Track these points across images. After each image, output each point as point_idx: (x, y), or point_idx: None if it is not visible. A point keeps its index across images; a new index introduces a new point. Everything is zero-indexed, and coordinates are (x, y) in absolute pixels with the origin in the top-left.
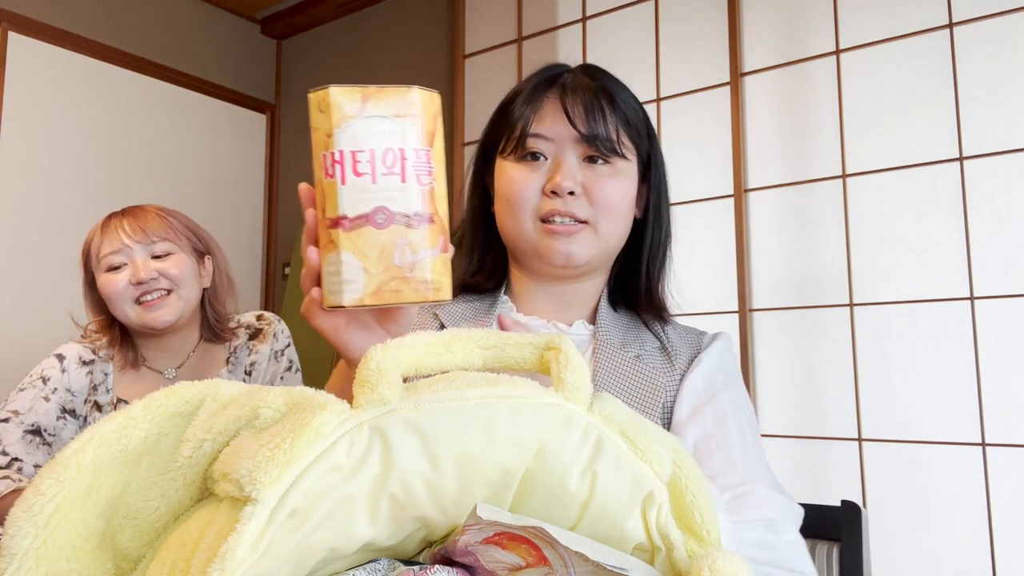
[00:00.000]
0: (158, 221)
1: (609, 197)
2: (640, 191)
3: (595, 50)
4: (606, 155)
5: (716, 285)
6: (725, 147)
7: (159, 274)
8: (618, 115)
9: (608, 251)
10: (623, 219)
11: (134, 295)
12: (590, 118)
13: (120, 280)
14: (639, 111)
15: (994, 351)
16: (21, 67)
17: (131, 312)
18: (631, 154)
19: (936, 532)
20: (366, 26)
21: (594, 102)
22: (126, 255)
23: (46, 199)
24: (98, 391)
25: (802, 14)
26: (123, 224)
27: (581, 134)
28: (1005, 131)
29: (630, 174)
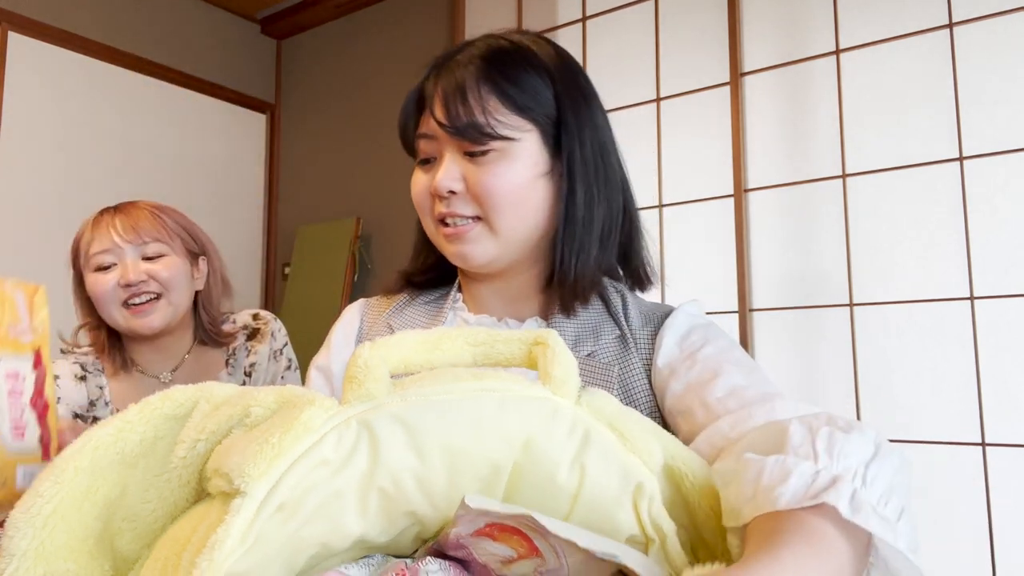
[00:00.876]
0: (151, 220)
1: (490, 188)
2: (555, 164)
3: (595, 50)
4: (480, 143)
5: (716, 285)
6: (725, 147)
7: (149, 276)
8: (490, 90)
9: (518, 243)
10: (520, 207)
11: (122, 297)
12: (451, 108)
13: (108, 281)
14: (532, 74)
15: (994, 351)
16: (21, 67)
17: (118, 315)
18: (519, 130)
19: (936, 532)
20: (366, 26)
21: (455, 87)
22: (116, 255)
23: (46, 199)
24: (96, 406)
25: (802, 14)
26: (115, 222)
27: (444, 127)
28: (1005, 131)
29: (522, 154)
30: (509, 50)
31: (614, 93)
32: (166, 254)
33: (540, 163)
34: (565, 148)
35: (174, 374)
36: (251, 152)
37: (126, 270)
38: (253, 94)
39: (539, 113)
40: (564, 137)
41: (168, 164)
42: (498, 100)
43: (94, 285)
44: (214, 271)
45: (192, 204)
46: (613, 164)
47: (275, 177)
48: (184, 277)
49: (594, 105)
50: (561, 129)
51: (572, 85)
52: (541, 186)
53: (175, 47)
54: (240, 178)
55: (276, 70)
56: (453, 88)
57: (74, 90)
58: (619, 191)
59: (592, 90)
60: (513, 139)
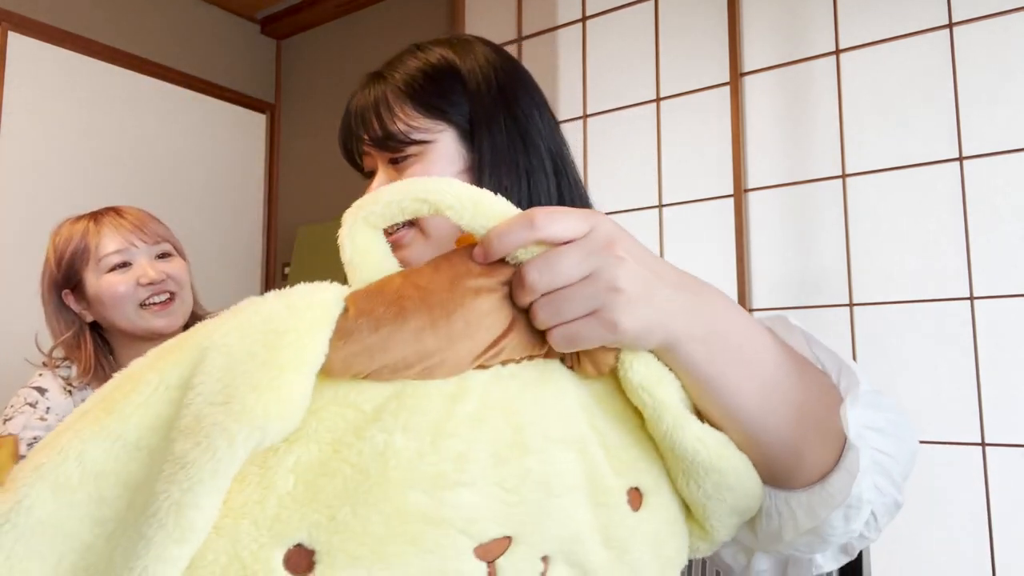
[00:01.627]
0: (153, 220)
1: None
2: (475, 161)
3: (595, 50)
4: (398, 150)
5: (716, 285)
6: (725, 147)
7: (166, 276)
8: (401, 98)
9: (452, 242)
10: None
11: (140, 298)
12: (368, 122)
13: (124, 282)
14: (442, 76)
15: (994, 351)
16: (21, 67)
17: (134, 316)
18: (432, 132)
19: (936, 532)
20: (366, 26)
21: (371, 102)
22: (130, 255)
23: (46, 199)
24: None
25: (802, 14)
26: (123, 222)
27: (365, 141)
28: (1005, 131)
29: (439, 154)
30: (422, 58)
31: (614, 93)
32: (172, 253)
33: (458, 161)
34: (476, 143)
35: None
36: (251, 152)
37: (145, 269)
38: (253, 94)
39: (453, 112)
40: (475, 132)
41: (168, 164)
42: (410, 106)
43: (109, 287)
44: (190, 272)
45: (192, 204)
46: (540, 156)
47: (275, 177)
48: (188, 276)
49: (520, 98)
50: (474, 125)
51: (487, 80)
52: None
53: (175, 47)
54: (240, 178)
55: (276, 70)
56: (370, 103)
57: (74, 90)
58: (545, 184)
59: (518, 83)
60: (428, 141)
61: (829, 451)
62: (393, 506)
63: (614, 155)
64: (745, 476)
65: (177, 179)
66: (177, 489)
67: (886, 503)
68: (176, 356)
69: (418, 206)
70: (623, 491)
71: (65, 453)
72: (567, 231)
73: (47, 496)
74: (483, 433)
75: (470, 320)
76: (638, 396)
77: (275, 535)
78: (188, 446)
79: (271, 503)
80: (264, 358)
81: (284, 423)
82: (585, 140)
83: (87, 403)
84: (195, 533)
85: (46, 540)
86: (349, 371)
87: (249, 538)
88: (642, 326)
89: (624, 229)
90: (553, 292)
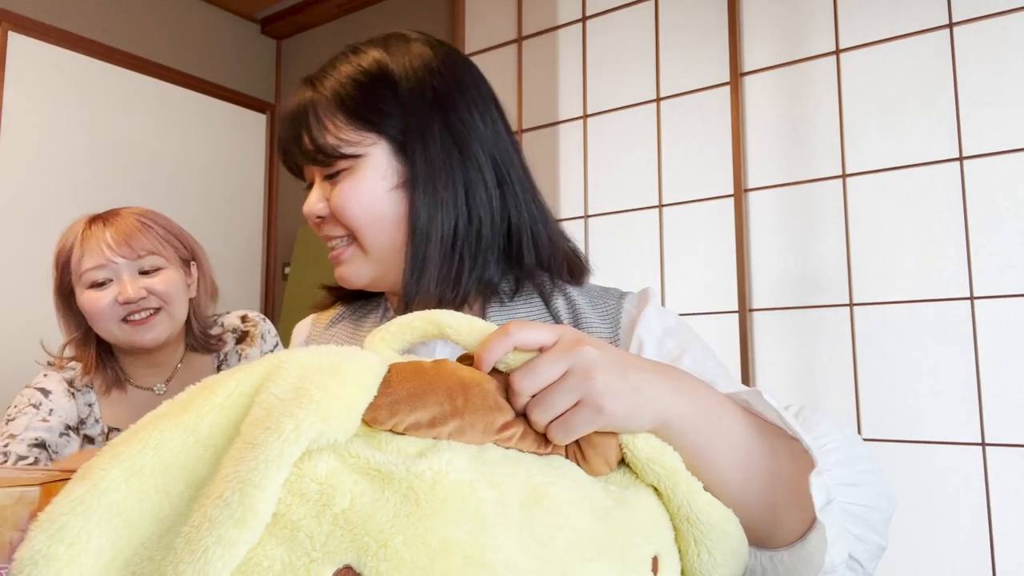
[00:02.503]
0: (143, 232)
1: (342, 208)
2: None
3: (595, 50)
4: (328, 164)
5: (716, 285)
6: (725, 147)
7: (148, 292)
8: (331, 108)
9: (394, 260)
10: (379, 222)
11: (121, 314)
12: (298, 134)
13: (105, 298)
14: (375, 84)
15: (994, 351)
16: (21, 67)
17: (116, 331)
18: (363, 145)
19: (936, 532)
20: (366, 26)
21: (300, 112)
22: (111, 271)
23: (46, 199)
24: (86, 424)
25: (802, 14)
26: (106, 236)
27: (296, 155)
28: (1005, 131)
29: (370, 168)
30: (355, 63)
31: (614, 93)
32: (162, 267)
33: (391, 175)
34: (409, 157)
35: (168, 384)
36: (251, 152)
37: (124, 287)
38: (253, 94)
39: (385, 124)
40: (407, 145)
41: (168, 164)
42: (341, 117)
43: (90, 303)
44: (204, 275)
45: (192, 204)
46: (479, 167)
47: (275, 177)
48: (181, 288)
49: (457, 103)
50: (406, 137)
51: (421, 86)
52: (397, 198)
53: (175, 47)
54: (240, 178)
55: (276, 70)
56: (301, 113)
57: (74, 90)
58: (486, 196)
59: (456, 85)
60: (359, 155)
61: (805, 513)
62: (439, 541)
63: (614, 155)
64: (742, 539)
65: (177, 179)
66: (244, 468)
67: (868, 549)
68: (253, 368)
69: (425, 326)
70: (648, 558)
71: (144, 442)
72: (538, 338)
73: (120, 481)
74: (512, 486)
75: (486, 397)
76: (650, 472)
77: (327, 552)
78: (258, 431)
79: (327, 519)
80: (331, 373)
81: (343, 423)
82: (585, 140)
83: (165, 406)
84: (255, 517)
85: (110, 530)
86: (392, 417)
87: (303, 550)
88: (627, 406)
89: (587, 335)
90: (540, 393)
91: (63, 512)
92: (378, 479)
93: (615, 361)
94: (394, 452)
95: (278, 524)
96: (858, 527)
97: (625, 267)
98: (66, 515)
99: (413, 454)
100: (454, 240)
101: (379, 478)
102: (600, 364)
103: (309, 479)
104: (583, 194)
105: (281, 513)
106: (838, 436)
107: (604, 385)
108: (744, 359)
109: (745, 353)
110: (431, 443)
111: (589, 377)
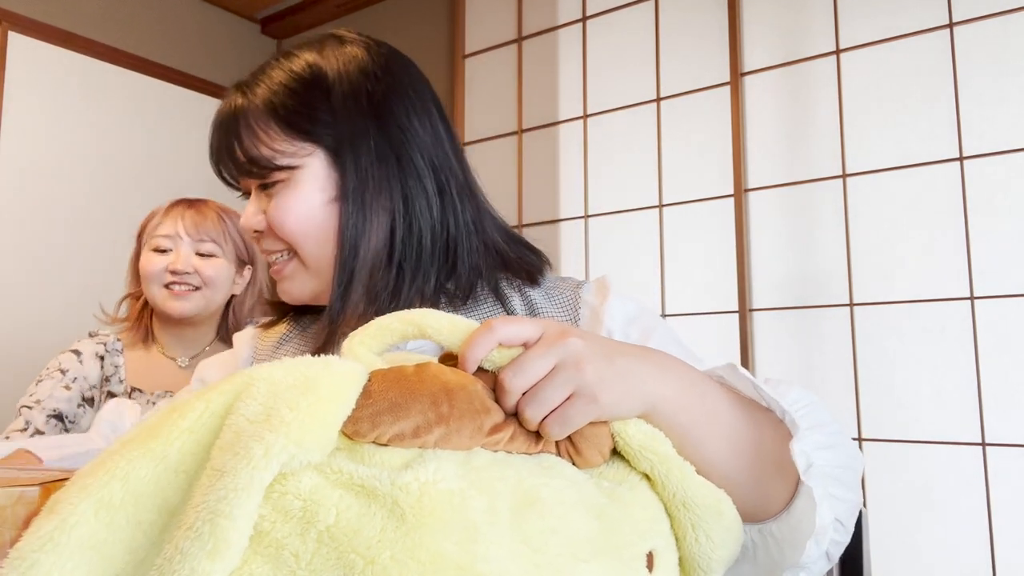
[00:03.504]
0: (216, 222)
1: (279, 222)
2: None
3: (595, 50)
4: (262, 176)
5: (716, 285)
6: (725, 147)
7: (195, 270)
8: (264, 117)
9: (328, 270)
10: (317, 235)
11: (166, 280)
12: (225, 143)
13: (159, 262)
14: (310, 91)
15: (994, 351)
16: (21, 67)
17: (157, 294)
18: (299, 156)
19: (936, 532)
20: (366, 26)
21: (228, 118)
22: (174, 242)
23: (46, 199)
24: (111, 382)
25: (802, 14)
26: (184, 215)
27: (229, 165)
28: (1005, 131)
29: (307, 180)
30: (287, 68)
31: (614, 93)
32: (217, 255)
33: (329, 187)
34: (345, 167)
35: (192, 360)
36: None
37: (178, 258)
38: None
39: (320, 133)
40: (342, 155)
41: (168, 164)
42: (275, 127)
43: (147, 263)
44: (255, 281)
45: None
46: (418, 176)
47: None
48: (226, 279)
49: (394, 109)
50: (340, 147)
51: (356, 91)
52: (335, 211)
53: (175, 47)
54: None
55: None
56: (232, 122)
57: (74, 90)
58: (426, 205)
59: (393, 89)
60: (295, 167)
61: (788, 482)
62: (429, 554)
63: (614, 155)
64: (737, 518)
65: (177, 179)
66: (214, 497)
67: (848, 508)
68: (223, 387)
69: (405, 327)
70: (643, 555)
71: (111, 473)
72: (522, 333)
73: (90, 515)
74: (502, 491)
75: (473, 400)
76: (643, 459)
77: (313, 571)
78: (227, 457)
79: (311, 537)
80: (304, 389)
81: (317, 443)
82: (585, 140)
83: (134, 431)
84: (228, 548)
85: (83, 564)
86: (374, 429)
87: (288, 569)
88: (619, 393)
89: (570, 326)
90: (532, 389)
91: (33, 549)
92: (363, 494)
93: (602, 350)
94: (378, 465)
95: (263, 542)
96: (837, 488)
97: (625, 267)
98: (36, 552)
99: (398, 466)
100: (391, 252)
101: (364, 493)
102: (588, 354)
103: (292, 496)
104: (583, 194)
105: (266, 531)
106: (806, 402)
107: (595, 375)
108: (744, 359)
109: (745, 353)
110: (417, 453)
111: (580, 368)
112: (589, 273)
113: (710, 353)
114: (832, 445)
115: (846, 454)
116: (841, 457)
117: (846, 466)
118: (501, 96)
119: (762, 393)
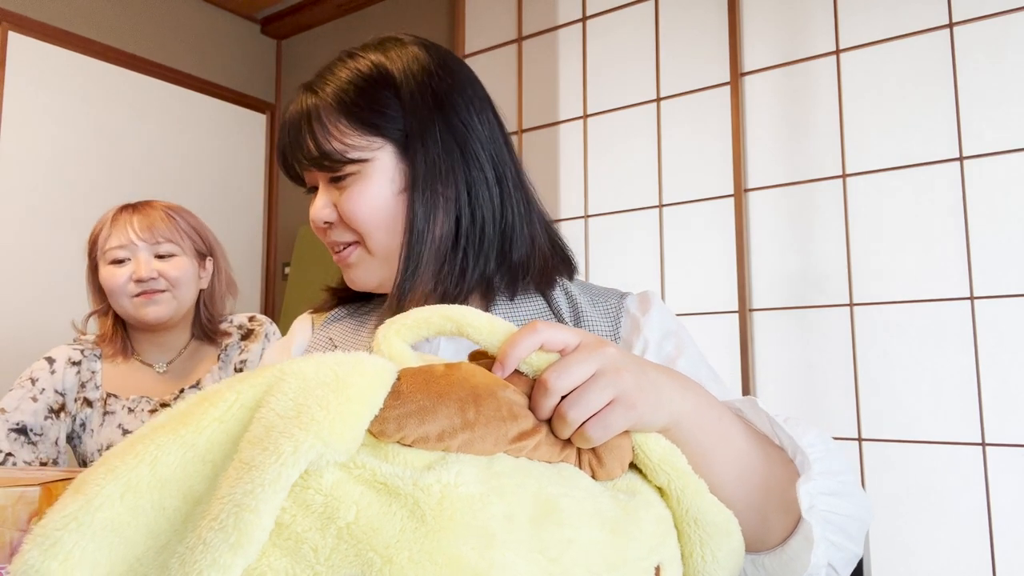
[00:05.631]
0: (166, 221)
1: (352, 213)
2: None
3: (595, 50)
4: (335, 169)
5: (716, 285)
6: (725, 147)
7: (159, 274)
8: (335, 113)
9: (395, 258)
10: (389, 225)
11: (133, 291)
12: (303, 139)
13: (122, 275)
14: (377, 88)
15: (994, 351)
16: (21, 67)
17: (127, 305)
18: (370, 149)
19: (936, 532)
20: (366, 26)
21: (303, 118)
22: (130, 251)
23: (46, 199)
24: (87, 388)
25: (802, 14)
26: (132, 220)
27: (301, 160)
28: (1005, 131)
29: (378, 172)
30: (353, 67)
31: (614, 93)
32: (176, 254)
33: (398, 178)
34: (413, 158)
35: (169, 365)
36: (251, 152)
37: (139, 266)
38: (253, 94)
39: (389, 127)
40: (410, 146)
41: (168, 164)
42: (345, 123)
43: (109, 278)
44: (219, 271)
45: (192, 204)
46: (480, 166)
47: (275, 177)
48: (191, 276)
49: (457, 103)
50: (412, 132)
51: (421, 88)
52: (405, 201)
53: (175, 47)
54: (240, 178)
55: (276, 70)
56: (304, 119)
57: (74, 90)
58: (488, 194)
59: (454, 86)
60: (366, 160)
61: (789, 519)
62: (446, 557)
63: (614, 155)
64: (742, 541)
65: (177, 179)
66: (240, 491)
67: (844, 556)
68: (254, 379)
69: (443, 323)
70: (652, 569)
71: (140, 457)
72: (564, 338)
73: (116, 497)
74: (522, 498)
75: (500, 407)
76: (661, 472)
77: (331, 566)
78: (255, 452)
79: (331, 533)
80: (335, 387)
81: (345, 443)
82: (585, 140)
83: (164, 416)
84: (250, 541)
85: (104, 546)
86: (400, 431)
87: (307, 563)
88: (653, 403)
89: (605, 338)
90: (574, 392)
91: (57, 527)
92: (384, 492)
93: (635, 362)
94: (401, 464)
95: (283, 535)
96: (837, 535)
97: (625, 267)
98: (60, 531)
99: (421, 467)
100: (456, 238)
101: (385, 491)
102: (626, 365)
103: (314, 490)
104: (583, 194)
105: (286, 524)
106: (822, 448)
107: (634, 383)
108: (744, 359)
109: (745, 353)
110: (440, 455)
111: (620, 375)
112: (589, 273)
113: (710, 353)
114: (840, 493)
115: (854, 504)
116: (847, 507)
117: (851, 516)
118: (501, 96)
119: (777, 430)
